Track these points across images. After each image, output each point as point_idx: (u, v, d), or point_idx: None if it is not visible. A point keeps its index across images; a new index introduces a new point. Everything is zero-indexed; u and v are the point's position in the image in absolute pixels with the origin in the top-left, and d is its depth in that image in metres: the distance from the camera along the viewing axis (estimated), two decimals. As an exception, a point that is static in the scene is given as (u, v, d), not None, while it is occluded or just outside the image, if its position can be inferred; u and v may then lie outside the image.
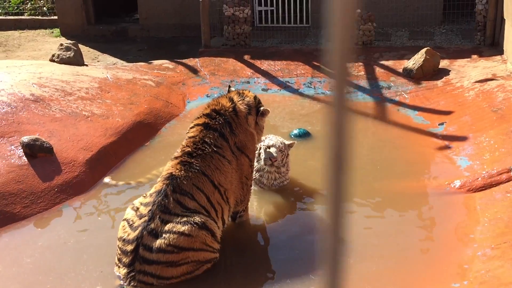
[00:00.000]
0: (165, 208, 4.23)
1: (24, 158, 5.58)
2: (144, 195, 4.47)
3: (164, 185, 4.33)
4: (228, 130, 4.68)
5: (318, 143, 6.67)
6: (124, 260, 4.20)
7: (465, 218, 4.99)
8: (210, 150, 4.53)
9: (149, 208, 4.25)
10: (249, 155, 4.86)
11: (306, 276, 4.29)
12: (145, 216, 4.22)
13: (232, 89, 5.11)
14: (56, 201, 5.36)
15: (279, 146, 5.44)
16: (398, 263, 4.45)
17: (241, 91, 4.97)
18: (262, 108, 4.95)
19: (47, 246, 4.74)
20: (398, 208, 5.21)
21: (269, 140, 5.45)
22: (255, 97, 4.99)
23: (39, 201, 5.28)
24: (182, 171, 4.38)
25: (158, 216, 4.20)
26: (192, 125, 4.74)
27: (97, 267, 4.42)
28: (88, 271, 4.38)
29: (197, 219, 4.21)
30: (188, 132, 4.71)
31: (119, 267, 4.25)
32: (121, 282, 4.17)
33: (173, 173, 4.39)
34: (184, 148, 4.55)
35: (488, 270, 4.08)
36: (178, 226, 4.15)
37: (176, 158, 4.52)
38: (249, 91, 5.04)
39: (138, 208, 4.35)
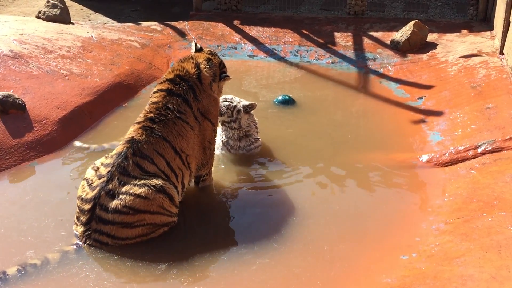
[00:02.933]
0: (124, 170, 4.27)
1: (-4, 113, 5.63)
2: (106, 155, 4.51)
3: (125, 148, 4.36)
4: (192, 96, 4.66)
5: (301, 110, 6.68)
6: (81, 218, 4.27)
7: (427, 192, 5.03)
8: (172, 116, 4.53)
9: (109, 169, 4.29)
10: (212, 120, 4.86)
11: (267, 242, 4.36)
12: (104, 176, 4.27)
13: (198, 46, 5.06)
14: (25, 158, 5.41)
15: (225, 97, 5.51)
16: (352, 230, 4.52)
17: (210, 57, 4.90)
18: (224, 75, 4.94)
19: (8, 198, 4.84)
20: (361, 179, 5.24)
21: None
22: (220, 63, 4.96)
23: (7, 157, 5.33)
24: (143, 136, 4.40)
25: (116, 178, 4.24)
26: (155, 89, 4.72)
27: (57, 217, 4.54)
28: (47, 222, 4.50)
29: (155, 182, 4.25)
30: (151, 97, 4.70)
31: (77, 225, 4.33)
32: (78, 240, 4.25)
33: (134, 137, 4.41)
34: (147, 114, 4.55)
35: (437, 244, 4.12)
36: (135, 188, 4.19)
37: (138, 123, 4.52)
38: (217, 56, 4.99)
39: (98, 168, 4.40)
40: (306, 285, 3.92)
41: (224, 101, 5.51)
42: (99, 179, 4.28)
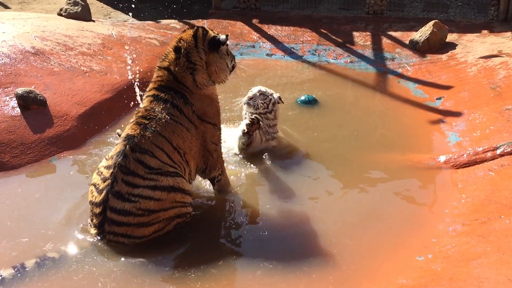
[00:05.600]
0: (126, 169, 4.17)
1: (18, 109, 5.71)
2: (106, 157, 4.40)
3: (123, 146, 4.23)
4: (182, 101, 4.46)
5: (321, 110, 6.70)
6: (94, 221, 4.25)
7: (444, 193, 4.99)
8: (163, 115, 4.37)
9: (111, 170, 4.17)
10: (211, 120, 4.64)
11: (279, 242, 4.38)
12: (108, 179, 4.18)
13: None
14: (45, 153, 5.48)
15: (259, 90, 5.58)
16: (367, 230, 4.51)
17: (177, 43, 4.47)
18: (214, 39, 4.47)
19: (26, 193, 4.91)
20: (378, 179, 5.23)
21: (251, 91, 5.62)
22: (195, 35, 4.44)
23: (28, 152, 5.41)
24: (138, 130, 4.28)
25: (121, 179, 4.15)
26: (144, 96, 4.60)
27: (71, 213, 4.59)
28: (62, 217, 4.55)
29: (165, 183, 4.19)
30: (142, 103, 4.59)
31: (91, 226, 4.31)
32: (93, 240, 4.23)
33: (129, 133, 4.30)
34: (138, 113, 4.44)
35: (454, 245, 4.10)
36: (147, 191, 4.14)
37: (131, 121, 4.43)
38: (188, 35, 4.46)
39: (102, 172, 4.30)
40: (318, 283, 3.93)
41: (260, 94, 5.56)
42: (104, 182, 4.20)
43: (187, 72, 4.47)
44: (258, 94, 5.57)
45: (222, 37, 4.54)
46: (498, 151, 5.19)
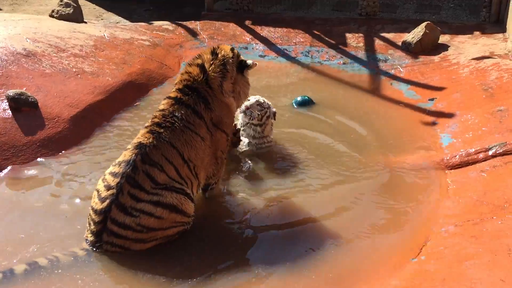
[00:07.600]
0: (134, 182, 4.10)
1: (9, 111, 5.67)
2: (114, 163, 4.32)
3: (133, 155, 4.18)
4: (203, 107, 4.48)
5: (318, 112, 6.69)
6: (92, 228, 4.18)
7: (437, 195, 5.00)
8: (181, 124, 4.36)
9: (117, 180, 4.10)
10: (226, 130, 4.69)
11: (276, 248, 4.38)
12: (113, 188, 4.09)
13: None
14: (37, 156, 5.44)
15: (257, 100, 5.55)
16: (360, 232, 4.51)
17: (214, 49, 4.67)
18: (243, 61, 4.78)
19: (17, 196, 4.88)
20: (371, 181, 5.22)
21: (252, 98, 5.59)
22: (232, 49, 4.71)
23: (19, 155, 5.37)
24: (151, 139, 4.26)
25: (127, 191, 4.09)
26: (164, 97, 4.61)
27: (62, 217, 4.56)
28: (51, 221, 4.51)
29: (169, 200, 4.15)
30: (160, 105, 4.58)
31: (88, 232, 4.23)
32: (88, 246, 4.18)
33: (142, 141, 4.26)
34: (154, 119, 4.42)
35: (446, 246, 4.11)
36: (150, 206, 4.10)
37: (145, 127, 4.41)
38: (225, 49, 4.71)
39: (106, 179, 4.23)
40: (317, 284, 3.92)
41: (257, 104, 5.54)
42: (108, 190, 4.12)
43: (219, 74, 4.56)
44: (255, 104, 5.54)
45: (249, 61, 4.86)
46: (490, 152, 5.20)
